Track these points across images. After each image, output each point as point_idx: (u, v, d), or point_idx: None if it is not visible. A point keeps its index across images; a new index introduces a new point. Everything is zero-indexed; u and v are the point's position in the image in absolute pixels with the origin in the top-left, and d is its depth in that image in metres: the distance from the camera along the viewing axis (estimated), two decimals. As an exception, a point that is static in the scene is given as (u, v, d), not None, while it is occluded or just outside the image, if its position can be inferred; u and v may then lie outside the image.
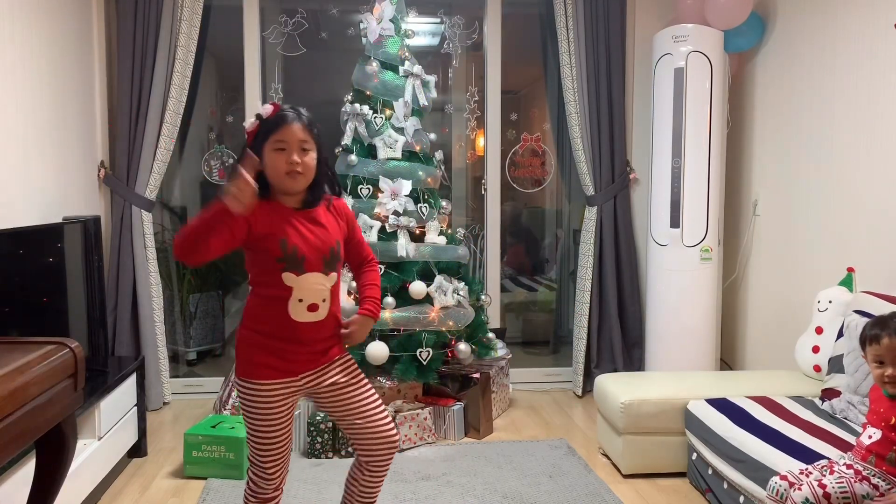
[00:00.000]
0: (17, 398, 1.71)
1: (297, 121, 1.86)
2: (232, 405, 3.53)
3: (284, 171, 1.83)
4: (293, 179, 1.85)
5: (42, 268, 2.87)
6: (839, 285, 3.01)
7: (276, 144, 1.83)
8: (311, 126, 1.89)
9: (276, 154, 1.83)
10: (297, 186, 1.87)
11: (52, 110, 3.37)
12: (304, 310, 1.88)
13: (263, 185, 1.85)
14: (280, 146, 1.83)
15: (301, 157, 1.84)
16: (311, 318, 1.89)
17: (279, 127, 1.84)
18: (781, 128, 3.62)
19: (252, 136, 1.88)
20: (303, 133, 1.85)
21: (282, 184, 1.86)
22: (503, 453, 3.31)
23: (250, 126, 1.89)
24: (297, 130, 1.84)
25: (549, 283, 5.11)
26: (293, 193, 1.90)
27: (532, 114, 4.77)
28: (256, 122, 1.88)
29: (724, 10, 3.64)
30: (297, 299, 1.87)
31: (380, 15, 3.61)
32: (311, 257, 1.87)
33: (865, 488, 1.93)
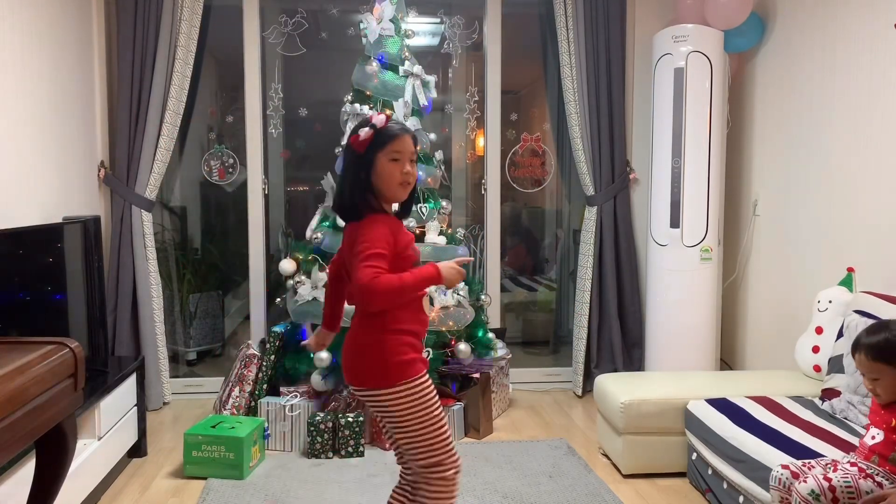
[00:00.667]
0: (17, 398, 1.71)
1: (408, 134, 1.94)
2: (232, 405, 3.53)
3: (398, 182, 1.92)
4: (404, 189, 1.95)
5: (42, 268, 2.87)
6: (839, 285, 3.01)
7: (392, 154, 1.91)
8: (417, 142, 2.00)
9: (393, 164, 1.91)
10: (405, 196, 1.98)
11: (52, 110, 3.37)
12: (430, 305, 2.16)
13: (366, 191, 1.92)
14: (396, 156, 1.91)
15: (412, 168, 1.94)
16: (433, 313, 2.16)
17: (396, 138, 1.91)
18: (781, 128, 3.63)
19: (364, 146, 1.91)
20: (413, 146, 1.95)
21: (394, 193, 1.94)
22: (503, 453, 3.31)
23: (365, 135, 1.90)
24: (409, 143, 1.93)
25: (549, 283, 5.11)
26: (398, 202, 2.01)
27: (532, 114, 4.77)
28: (371, 131, 1.91)
29: (724, 10, 3.64)
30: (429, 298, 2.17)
31: (380, 15, 3.61)
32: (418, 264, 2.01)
33: (870, 485, 1.92)
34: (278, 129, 4.43)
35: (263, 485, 2.99)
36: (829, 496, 1.90)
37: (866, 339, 2.00)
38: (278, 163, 4.57)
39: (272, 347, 3.59)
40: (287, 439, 3.39)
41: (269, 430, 3.39)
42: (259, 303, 4.26)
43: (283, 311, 3.70)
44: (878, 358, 1.96)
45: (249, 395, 3.56)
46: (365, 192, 1.92)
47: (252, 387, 3.57)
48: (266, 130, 4.36)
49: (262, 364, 3.59)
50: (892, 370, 1.94)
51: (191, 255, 4.66)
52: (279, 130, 4.43)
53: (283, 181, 4.68)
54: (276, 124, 4.41)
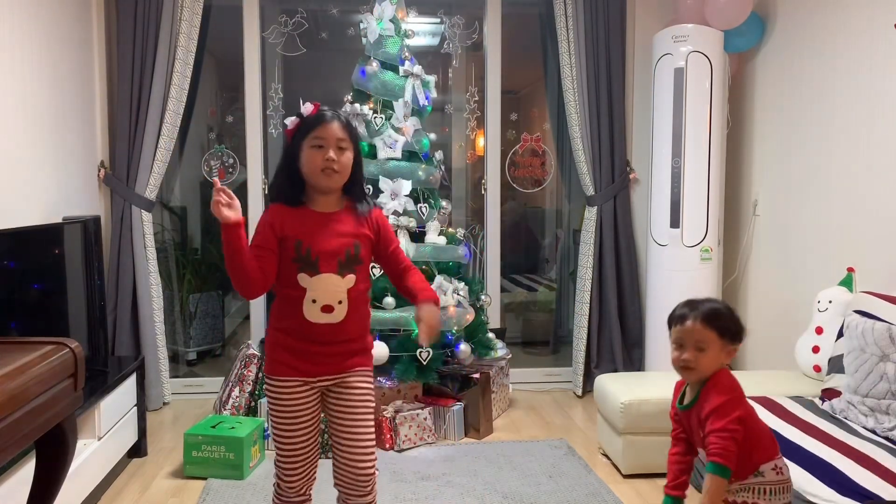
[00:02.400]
0: (18, 398, 1.71)
1: (335, 120, 1.89)
2: (232, 405, 3.53)
3: (320, 168, 1.86)
4: (328, 177, 1.87)
5: (42, 268, 2.87)
6: (839, 285, 3.01)
7: (314, 141, 1.87)
8: (349, 126, 1.92)
9: (314, 151, 1.87)
10: (331, 184, 1.89)
11: (52, 110, 3.37)
12: (318, 310, 1.87)
13: (300, 186, 1.91)
14: (318, 143, 1.87)
15: (338, 155, 1.87)
16: (325, 319, 1.88)
17: (318, 125, 1.87)
18: (781, 128, 3.62)
19: (292, 134, 1.93)
20: (341, 132, 1.88)
21: (317, 180, 1.88)
22: (503, 453, 3.31)
23: (291, 124, 1.94)
24: (335, 129, 1.88)
25: (549, 283, 5.11)
26: (327, 192, 1.92)
27: (532, 114, 4.77)
28: (297, 120, 1.93)
29: (724, 10, 3.64)
30: (311, 300, 1.87)
31: (380, 15, 3.61)
32: (325, 259, 1.87)
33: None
34: (278, 129, 4.43)
35: (263, 485, 2.98)
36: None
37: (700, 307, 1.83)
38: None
39: (272, 347, 3.59)
40: (287, 439, 3.39)
41: (269, 430, 3.39)
42: (259, 303, 4.25)
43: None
44: (712, 326, 1.79)
45: (249, 395, 3.56)
46: (293, 181, 1.91)
47: (252, 387, 3.57)
48: (266, 130, 4.36)
49: (262, 364, 3.59)
50: (719, 341, 1.78)
51: (191, 255, 4.66)
52: (279, 130, 4.44)
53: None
54: (276, 124, 4.41)
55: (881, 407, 2.44)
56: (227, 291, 4.82)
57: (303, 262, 1.87)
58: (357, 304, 1.93)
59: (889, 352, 2.44)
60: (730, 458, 1.69)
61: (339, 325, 1.90)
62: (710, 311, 1.82)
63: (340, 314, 1.89)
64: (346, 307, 1.89)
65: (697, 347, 1.79)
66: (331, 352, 1.93)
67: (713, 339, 1.79)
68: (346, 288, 1.90)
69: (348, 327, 1.92)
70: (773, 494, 1.77)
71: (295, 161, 1.90)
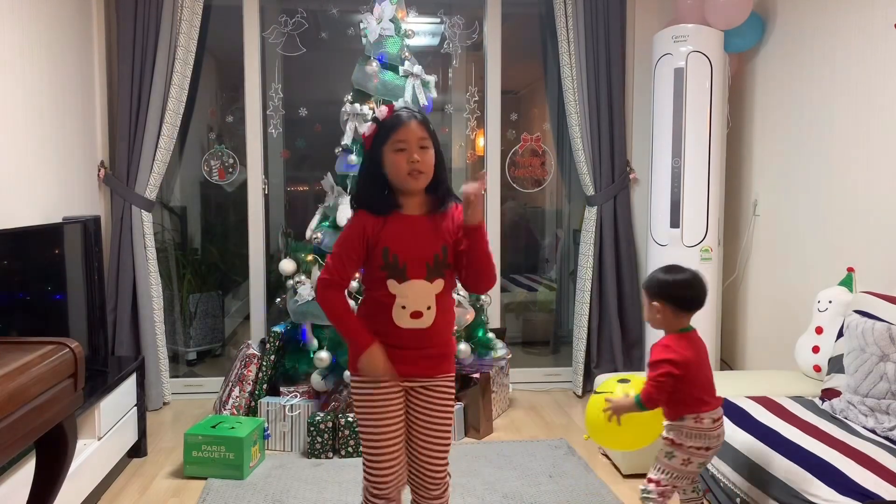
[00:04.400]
0: (18, 398, 1.71)
1: (413, 119, 1.86)
2: (232, 405, 3.53)
3: (406, 171, 1.84)
4: (415, 179, 1.85)
5: (42, 268, 2.87)
6: (839, 285, 3.01)
7: (396, 145, 1.84)
8: (427, 124, 1.88)
9: (397, 155, 1.84)
10: (418, 185, 1.87)
11: (52, 110, 3.37)
12: (408, 316, 1.87)
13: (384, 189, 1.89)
14: (401, 146, 1.84)
15: (421, 155, 1.84)
16: (414, 324, 1.88)
17: (397, 127, 1.84)
18: (781, 128, 3.63)
19: (370, 141, 1.89)
20: (421, 131, 1.85)
21: (405, 184, 1.86)
22: (503, 453, 3.31)
23: (368, 130, 1.90)
24: (415, 128, 1.84)
25: (549, 283, 5.11)
26: (415, 193, 1.90)
27: (532, 114, 4.77)
28: (374, 125, 1.89)
29: (724, 10, 3.64)
30: (401, 306, 1.87)
31: (380, 15, 3.61)
32: (413, 265, 1.86)
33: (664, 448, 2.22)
34: (278, 129, 4.43)
35: (263, 485, 2.99)
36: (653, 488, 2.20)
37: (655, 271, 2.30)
38: (278, 163, 4.57)
39: (272, 347, 3.59)
40: (287, 439, 3.39)
41: (269, 430, 3.39)
42: (259, 303, 4.26)
43: (283, 311, 3.70)
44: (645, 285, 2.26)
45: (249, 395, 3.56)
46: (380, 187, 1.89)
47: (252, 387, 3.57)
48: (266, 130, 4.36)
49: (262, 364, 3.59)
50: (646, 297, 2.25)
51: (191, 255, 4.66)
52: (279, 130, 4.43)
53: (283, 181, 4.68)
54: (276, 124, 4.41)
55: (881, 407, 2.44)
56: (227, 291, 4.82)
57: (391, 269, 1.86)
58: (445, 309, 1.94)
59: (889, 352, 2.44)
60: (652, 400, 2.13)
61: (427, 330, 1.90)
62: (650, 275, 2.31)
63: (429, 320, 1.89)
64: (434, 312, 1.89)
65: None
66: (418, 356, 1.92)
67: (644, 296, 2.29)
68: (434, 293, 1.89)
69: (436, 332, 1.92)
70: (685, 437, 2.18)
71: (379, 167, 1.87)
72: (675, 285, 2.21)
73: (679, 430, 2.19)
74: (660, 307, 2.20)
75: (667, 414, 2.21)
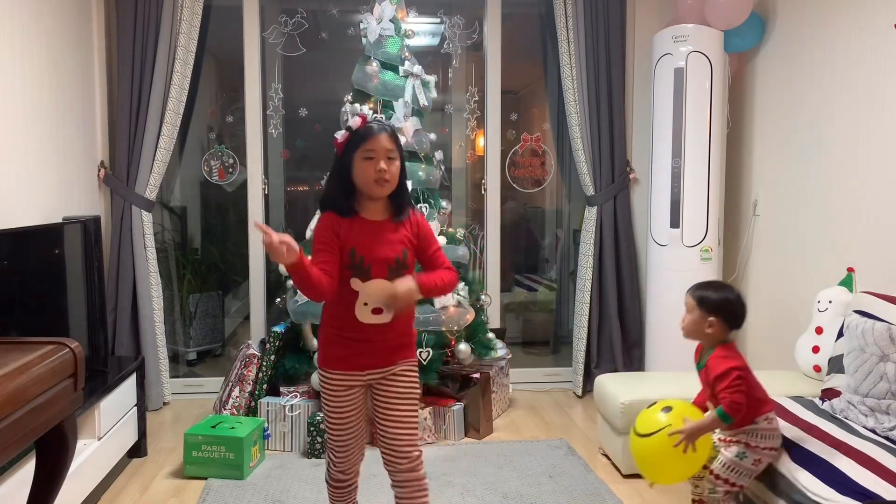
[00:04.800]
0: (18, 398, 1.71)
1: (383, 131, 2.01)
2: (232, 405, 3.53)
3: (373, 179, 1.98)
4: (381, 186, 2.00)
5: (42, 268, 2.87)
6: (839, 285, 3.01)
7: (365, 153, 1.99)
8: (396, 137, 2.04)
9: (366, 163, 1.99)
10: (383, 192, 2.03)
11: (52, 110, 3.37)
12: (369, 313, 2.01)
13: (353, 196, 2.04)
14: (369, 155, 1.98)
15: (388, 165, 1.99)
16: (375, 320, 2.01)
17: (368, 137, 1.99)
18: (781, 128, 3.62)
19: (342, 147, 2.04)
20: (389, 143, 2.00)
21: (370, 190, 2.01)
22: (503, 453, 3.31)
23: (341, 137, 2.05)
24: (384, 140, 1.99)
25: (549, 284, 5.11)
26: (379, 199, 2.05)
27: (532, 114, 4.77)
28: (346, 133, 2.04)
29: (724, 10, 3.64)
30: (363, 303, 2.00)
31: (380, 15, 3.61)
32: (376, 266, 2.01)
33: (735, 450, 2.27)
34: (278, 129, 4.43)
35: (263, 485, 2.99)
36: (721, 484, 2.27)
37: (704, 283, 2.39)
38: (278, 163, 4.57)
39: (272, 347, 3.59)
40: (287, 439, 3.39)
41: (269, 430, 3.39)
42: (259, 303, 4.26)
43: (283, 311, 3.70)
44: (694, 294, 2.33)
45: (249, 395, 3.56)
46: (347, 191, 2.03)
47: (252, 387, 3.57)
48: (266, 130, 4.36)
49: (262, 364, 3.59)
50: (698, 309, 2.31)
51: (191, 255, 4.66)
52: (279, 130, 4.43)
53: (283, 181, 4.68)
54: (276, 124, 4.41)
55: (881, 407, 2.44)
56: (227, 291, 4.83)
57: (356, 268, 2.01)
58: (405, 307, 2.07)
59: (889, 352, 2.44)
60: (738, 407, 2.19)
61: (387, 326, 2.04)
62: (702, 282, 2.40)
63: (389, 316, 2.02)
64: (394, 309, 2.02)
65: (687, 310, 2.35)
66: (379, 348, 2.08)
67: (692, 306, 2.33)
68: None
69: (396, 326, 2.06)
70: (760, 439, 2.26)
71: (347, 173, 2.02)
72: (736, 304, 2.32)
73: (753, 434, 2.26)
74: (715, 321, 2.29)
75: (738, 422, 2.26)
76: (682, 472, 2.28)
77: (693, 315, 2.32)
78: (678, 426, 2.19)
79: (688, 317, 2.34)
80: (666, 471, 2.27)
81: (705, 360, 2.33)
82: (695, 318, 2.32)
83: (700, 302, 2.31)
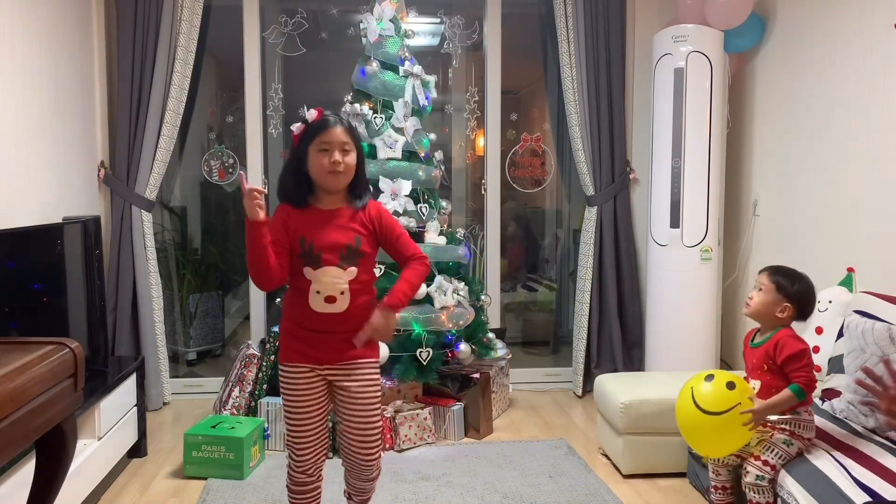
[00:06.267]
0: (18, 398, 1.71)
1: (339, 124, 2.04)
2: (232, 405, 3.53)
3: (327, 170, 2.01)
4: (335, 177, 2.02)
5: (42, 268, 2.87)
6: (839, 285, 3.01)
7: (320, 146, 2.02)
8: (351, 129, 2.07)
9: (320, 154, 2.02)
10: (338, 184, 2.05)
11: (52, 110, 3.37)
12: (322, 301, 2.02)
13: (307, 186, 2.06)
14: (324, 147, 2.01)
15: (342, 157, 2.02)
16: (329, 309, 2.02)
17: (323, 130, 2.02)
18: (781, 128, 3.63)
19: (298, 139, 2.07)
20: (344, 136, 2.03)
21: (325, 181, 2.03)
22: (503, 453, 3.31)
23: (297, 129, 2.08)
24: (339, 133, 2.02)
25: (549, 284, 5.11)
26: (334, 191, 2.07)
27: (532, 114, 4.77)
28: (302, 125, 2.07)
29: (724, 10, 3.64)
30: (315, 291, 2.02)
31: (380, 15, 3.61)
32: (326, 253, 2.02)
33: (782, 437, 2.29)
34: (278, 129, 4.43)
35: (263, 485, 2.99)
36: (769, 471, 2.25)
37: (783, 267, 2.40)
38: (278, 163, 4.57)
39: (272, 347, 3.59)
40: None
41: (269, 430, 3.39)
42: (259, 303, 4.26)
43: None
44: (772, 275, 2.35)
45: (249, 395, 3.56)
46: (300, 182, 2.05)
47: (252, 387, 3.57)
48: (266, 130, 4.36)
49: (262, 364, 3.59)
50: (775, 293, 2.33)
51: (191, 255, 4.66)
52: (279, 130, 4.44)
53: (283, 181, 4.67)
54: (276, 124, 4.41)
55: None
56: (227, 291, 4.82)
57: (307, 256, 2.02)
58: (360, 295, 2.06)
59: (889, 352, 2.43)
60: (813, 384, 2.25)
61: (342, 315, 2.04)
62: (780, 266, 2.41)
63: (343, 304, 2.03)
64: (348, 298, 2.03)
65: (757, 288, 2.38)
66: (336, 339, 2.06)
67: (769, 288, 2.35)
68: (347, 280, 2.03)
69: (351, 316, 2.05)
70: (803, 430, 2.30)
71: (302, 164, 2.04)
72: (812, 297, 2.36)
73: (798, 423, 2.30)
74: (790, 308, 2.33)
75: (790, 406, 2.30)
76: (735, 447, 2.31)
77: (768, 297, 2.34)
78: (748, 405, 2.22)
79: (759, 296, 2.36)
80: (724, 446, 2.30)
81: (765, 340, 2.35)
82: (769, 300, 2.34)
83: (779, 287, 2.33)
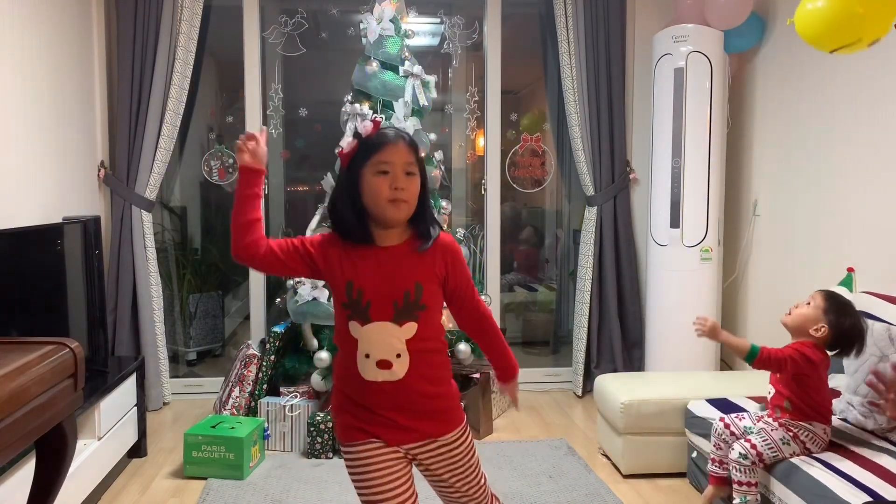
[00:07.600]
0: (18, 398, 1.71)
1: (401, 140, 1.58)
2: (232, 405, 3.53)
3: (388, 199, 1.54)
4: (396, 208, 1.55)
5: (42, 268, 2.87)
6: (839, 285, 3.01)
7: (378, 167, 1.55)
8: (415, 147, 1.60)
9: (379, 178, 1.55)
10: (399, 216, 1.57)
11: (52, 110, 3.37)
12: (374, 366, 1.57)
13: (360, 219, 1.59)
14: (383, 168, 1.55)
15: (406, 182, 1.56)
16: (383, 377, 1.57)
17: (382, 147, 1.56)
18: (781, 128, 3.63)
19: (348, 159, 1.60)
20: (408, 154, 1.57)
21: (384, 212, 1.56)
22: (503, 453, 3.31)
23: (347, 146, 1.60)
24: (402, 151, 1.56)
25: (549, 284, 5.11)
26: (394, 225, 1.60)
27: (532, 114, 4.77)
28: (355, 141, 1.60)
29: (724, 10, 3.64)
30: (364, 354, 1.57)
31: (380, 15, 3.61)
32: (377, 304, 1.56)
33: (781, 434, 2.31)
34: (278, 130, 4.43)
35: (263, 485, 2.99)
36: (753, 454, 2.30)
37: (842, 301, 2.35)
38: (278, 163, 4.57)
39: (272, 347, 3.59)
40: (287, 439, 3.39)
41: (269, 430, 3.39)
42: (259, 303, 4.25)
43: (283, 311, 3.70)
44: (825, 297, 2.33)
45: (249, 396, 3.56)
46: (356, 212, 1.58)
47: (252, 387, 3.57)
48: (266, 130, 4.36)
49: (262, 364, 3.59)
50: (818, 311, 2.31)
51: (191, 255, 4.66)
52: (279, 130, 4.44)
53: (283, 181, 4.68)
54: (276, 124, 4.41)
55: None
56: (227, 291, 4.82)
57: (353, 307, 1.57)
58: (422, 358, 1.60)
59: (889, 352, 2.43)
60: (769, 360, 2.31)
61: (399, 385, 1.58)
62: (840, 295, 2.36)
63: (401, 370, 1.57)
64: (406, 362, 1.58)
65: (806, 302, 2.37)
66: (397, 418, 1.60)
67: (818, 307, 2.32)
68: (404, 339, 1.57)
69: (414, 386, 1.60)
70: (809, 440, 2.30)
71: (355, 191, 1.58)
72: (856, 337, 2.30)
73: (806, 431, 2.30)
74: (825, 330, 2.30)
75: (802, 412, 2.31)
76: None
77: (811, 312, 2.32)
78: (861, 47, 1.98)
79: (803, 309, 2.34)
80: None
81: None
82: (810, 316, 2.31)
83: (827, 311, 2.30)
